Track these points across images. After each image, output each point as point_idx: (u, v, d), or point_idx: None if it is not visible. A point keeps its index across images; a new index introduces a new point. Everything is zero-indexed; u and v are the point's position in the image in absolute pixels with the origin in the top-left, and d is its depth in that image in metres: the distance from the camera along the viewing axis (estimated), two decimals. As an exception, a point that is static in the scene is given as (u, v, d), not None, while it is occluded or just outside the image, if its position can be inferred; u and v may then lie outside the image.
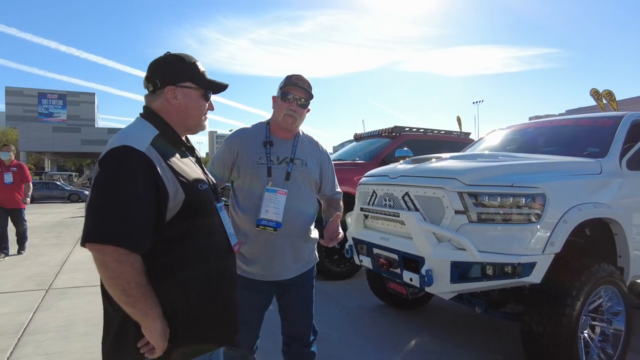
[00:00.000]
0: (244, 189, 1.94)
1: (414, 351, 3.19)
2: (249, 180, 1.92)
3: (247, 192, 1.93)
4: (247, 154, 1.95)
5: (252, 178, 1.92)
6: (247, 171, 1.92)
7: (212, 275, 1.32)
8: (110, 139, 1.25)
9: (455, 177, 2.60)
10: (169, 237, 1.23)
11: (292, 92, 1.95)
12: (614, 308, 2.76)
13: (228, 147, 2.00)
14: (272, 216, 1.87)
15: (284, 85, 1.98)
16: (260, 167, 1.92)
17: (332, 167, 2.23)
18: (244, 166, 1.94)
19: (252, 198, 1.91)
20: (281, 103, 1.96)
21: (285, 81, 1.98)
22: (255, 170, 1.92)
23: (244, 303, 1.90)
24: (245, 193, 1.93)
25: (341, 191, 2.28)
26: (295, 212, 1.94)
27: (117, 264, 1.09)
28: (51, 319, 3.83)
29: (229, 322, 1.39)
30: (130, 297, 1.11)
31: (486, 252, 2.44)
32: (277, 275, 1.95)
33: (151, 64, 1.37)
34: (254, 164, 1.92)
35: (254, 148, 1.96)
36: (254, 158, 1.94)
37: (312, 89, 1.99)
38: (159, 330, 1.17)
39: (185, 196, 1.24)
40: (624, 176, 2.96)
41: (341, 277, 5.22)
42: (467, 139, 6.73)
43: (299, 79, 1.97)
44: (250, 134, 2.01)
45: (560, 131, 3.97)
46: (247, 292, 1.89)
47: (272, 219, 1.87)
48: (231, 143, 2.00)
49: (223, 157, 1.99)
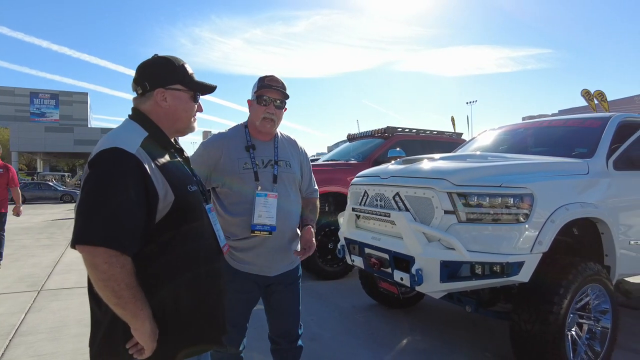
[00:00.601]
0: (231, 194, 1.92)
1: (406, 350, 3.22)
2: (237, 186, 1.90)
3: (235, 197, 1.91)
4: (231, 159, 1.92)
5: (240, 183, 1.90)
6: (233, 177, 1.90)
7: (201, 277, 1.34)
8: (100, 141, 1.25)
9: (445, 177, 2.63)
10: (158, 239, 1.24)
11: (267, 94, 1.94)
12: (601, 306, 2.80)
13: (206, 152, 1.95)
14: (266, 220, 1.88)
15: (257, 88, 1.96)
16: (246, 172, 1.91)
17: (310, 165, 2.24)
18: (228, 172, 1.91)
19: (241, 203, 1.90)
20: (257, 107, 1.95)
21: (258, 84, 1.96)
22: (242, 176, 1.90)
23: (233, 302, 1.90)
24: (233, 198, 1.92)
25: (317, 189, 2.29)
26: (285, 213, 1.95)
27: (108, 265, 1.10)
28: (43, 320, 3.81)
29: (217, 323, 1.40)
30: (121, 299, 1.12)
31: (475, 252, 2.47)
32: (267, 271, 1.97)
33: (140, 67, 1.38)
34: (239, 169, 1.91)
35: (237, 153, 1.94)
36: (239, 163, 1.92)
37: (286, 89, 1.99)
38: (149, 331, 1.18)
39: (175, 198, 1.25)
40: (610, 176, 3.00)
41: (334, 277, 5.24)
42: (459, 139, 6.78)
43: (272, 80, 1.95)
44: (229, 138, 1.98)
45: (549, 132, 4.02)
46: (237, 289, 1.91)
47: (265, 223, 1.88)
48: (210, 148, 1.96)
49: (200, 161, 1.91)
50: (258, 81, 1.98)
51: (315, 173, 5.85)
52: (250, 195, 1.89)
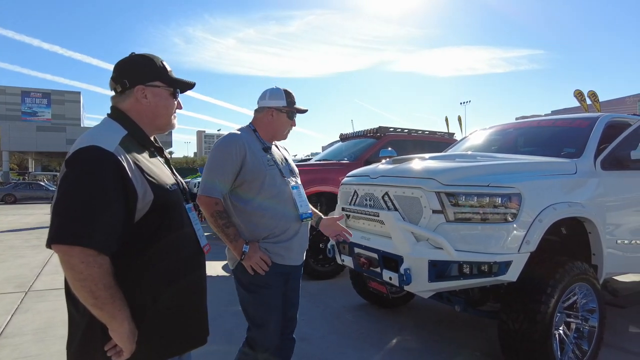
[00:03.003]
0: (263, 191, 1.96)
1: (395, 350, 3.21)
2: (268, 182, 1.97)
3: (268, 192, 1.97)
4: (255, 158, 1.98)
5: (270, 179, 1.98)
6: (263, 173, 1.96)
7: (182, 277, 1.32)
8: (78, 139, 1.24)
9: (433, 177, 2.63)
10: (137, 239, 1.22)
11: (296, 112, 2.14)
12: (588, 305, 2.82)
13: (232, 153, 1.94)
14: (305, 209, 2.08)
15: (289, 104, 2.10)
16: (272, 169, 2.01)
17: None
18: (256, 169, 1.95)
19: (275, 197, 1.98)
20: (287, 120, 2.12)
21: (288, 99, 2.10)
22: (270, 172, 2.00)
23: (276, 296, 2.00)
24: (266, 194, 1.97)
25: None
26: None
27: (85, 265, 1.08)
28: (29, 321, 3.77)
29: (199, 323, 1.39)
30: (98, 299, 1.10)
31: (463, 251, 2.47)
32: (297, 260, 2.12)
33: (118, 65, 1.36)
34: (265, 166, 1.99)
35: (258, 152, 2.01)
36: (264, 161, 2.00)
37: None
38: (127, 332, 1.16)
39: (154, 197, 1.24)
40: (598, 176, 3.02)
41: (325, 277, 5.23)
42: (451, 139, 6.80)
43: (294, 97, 2.14)
44: (247, 139, 2.02)
45: (539, 132, 4.04)
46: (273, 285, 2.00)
47: (306, 211, 2.08)
48: (234, 149, 1.94)
49: (230, 164, 1.92)
50: (286, 95, 2.10)
51: (308, 173, 5.84)
52: (284, 188, 2.02)
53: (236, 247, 1.91)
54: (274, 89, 2.12)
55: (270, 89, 2.12)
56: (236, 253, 1.92)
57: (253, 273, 1.95)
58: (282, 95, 2.09)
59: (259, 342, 2.00)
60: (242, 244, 1.91)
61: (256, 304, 2.00)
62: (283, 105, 2.08)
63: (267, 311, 1.99)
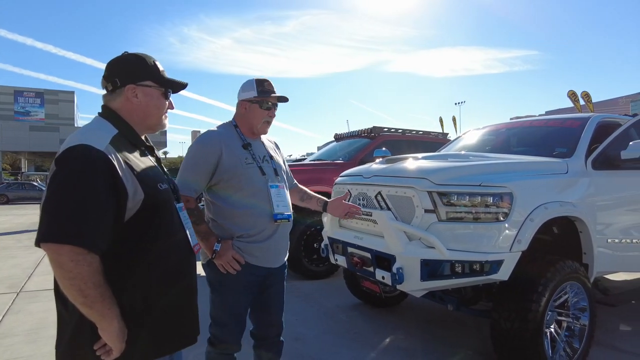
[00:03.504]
0: (238, 190, 1.93)
1: (389, 349, 3.22)
2: (244, 180, 1.93)
3: (245, 191, 1.93)
4: (233, 156, 1.93)
5: (247, 178, 1.93)
6: (238, 172, 1.92)
7: (172, 276, 1.32)
8: (68, 138, 1.23)
9: (425, 176, 2.64)
10: (128, 237, 1.22)
11: (270, 100, 2.01)
12: (579, 303, 2.84)
13: (207, 151, 1.91)
14: (283, 209, 1.99)
15: (259, 93, 1.98)
16: (250, 167, 1.95)
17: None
18: (232, 168, 1.91)
19: (253, 196, 1.93)
20: (260, 111, 2.00)
21: (259, 88, 1.99)
22: (247, 170, 1.94)
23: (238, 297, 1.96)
24: (243, 192, 1.93)
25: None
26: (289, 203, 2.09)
27: (74, 264, 1.08)
28: (21, 322, 3.74)
29: (189, 323, 1.39)
30: (87, 298, 1.10)
31: (455, 250, 2.49)
32: (274, 262, 2.04)
33: (110, 63, 1.36)
34: (242, 164, 1.94)
35: (237, 150, 1.96)
36: (241, 159, 1.95)
37: None
38: (117, 331, 1.16)
39: (145, 195, 1.24)
40: (589, 176, 3.05)
41: (319, 277, 5.24)
42: (444, 140, 6.83)
43: (271, 86, 2.01)
44: (225, 136, 1.98)
45: (531, 132, 4.07)
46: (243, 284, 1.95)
47: (284, 212, 1.99)
48: (210, 147, 1.92)
49: (204, 163, 1.90)
50: (257, 85, 1.99)
51: (302, 173, 5.85)
52: (261, 187, 1.95)
53: (207, 245, 1.88)
54: (248, 80, 2.02)
55: (245, 81, 2.03)
56: (207, 251, 1.89)
57: (225, 272, 1.90)
58: (253, 86, 1.98)
59: (220, 340, 1.98)
60: (213, 241, 1.88)
61: (220, 304, 1.96)
62: (254, 96, 1.98)
63: (230, 313, 1.95)
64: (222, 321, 1.97)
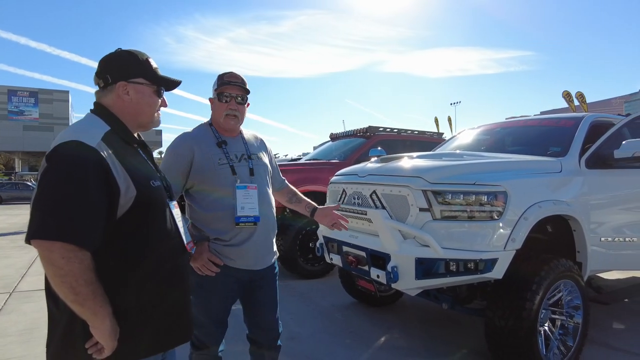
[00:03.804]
0: (210, 192, 1.90)
1: (383, 348, 3.23)
2: (216, 182, 1.89)
3: (215, 193, 1.90)
4: (204, 157, 1.90)
5: (218, 179, 1.89)
6: (209, 173, 1.89)
7: (165, 274, 1.31)
8: (59, 134, 1.22)
9: (420, 175, 2.65)
10: (120, 235, 1.21)
11: (228, 91, 1.94)
12: (573, 302, 2.85)
13: (178, 155, 1.91)
14: (249, 212, 1.90)
15: (218, 86, 1.95)
16: (222, 167, 1.90)
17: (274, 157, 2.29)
18: (204, 170, 1.89)
19: (222, 198, 1.89)
20: (219, 104, 1.95)
21: (218, 81, 1.96)
22: (219, 171, 1.89)
23: (215, 299, 1.92)
24: (213, 195, 1.90)
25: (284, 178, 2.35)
26: (265, 204, 1.98)
27: (65, 261, 1.07)
28: (13, 322, 3.71)
29: (183, 321, 1.38)
30: (79, 295, 1.09)
31: (449, 249, 2.49)
32: (254, 265, 1.97)
33: (102, 60, 1.35)
34: (215, 165, 1.90)
35: (209, 150, 1.92)
36: (214, 160, 1.90)
37: (246, 85, 1.98)
38: (109, 329, 1.15)
39: (137, 193, 1.23)
40: (582, 175, 3.06)
41: (315, 276, 5.23)
42: (440, 139, 6.84)
43: (232, 77, 1.95)
44: (198, 137, 1.95)
45: (526, 131, 4.09)
46: (219, 286, 1.92)
47: (249, 214, 1.89)
48: (181, 150, 1.91)
49: (176, 166, 1.89)
50: (217, 79, 1.96)
51: (298, 172, 5.84)
52: (230, 189, 1.89)
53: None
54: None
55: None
56: None
57: (202, 274, 1.87)
58: (216, 81, 1.97)
59: (201, 341, 1.96)
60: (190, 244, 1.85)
61: (199, 306, 1.90)
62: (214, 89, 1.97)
63: (209, 316, 1.92)
64: (202, 323, 1.94)
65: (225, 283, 1.93)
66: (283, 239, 4.99)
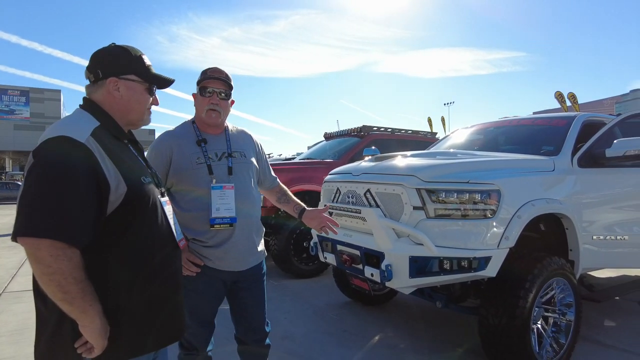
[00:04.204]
0: (188, 192, 1.87)
1: (377, 346, 3.23)
2: (193, 181, 1.86)
3: (192, 193, 1.87)
4: (183, 156, 1.87)
5: (194, 179, 1.85)
6: (187, 173, 1.86)
7: (156, 272, 1.29)
8: (47, 129, 1.20)
9: (414, 174, 2.65)
10: (110, 232, 1.19)
11: (210, 86, 1.90)
12: (565, 299, 2.87)
13: (158, 153, 1.88)
14: (225, 213, 1.85)
15: (200, 80, 1.92)
16: (200, 167, 1.87)
17: (266, 155, 2.24)
18: (181, 169, 1.86)
19: (198, 199, 1.85)
20: (202, 99, 1.91)
21: (201, 76, 1.92)
22: (196, 171, 1.86)
23: (200, 300, 1.90)
24: (190, 195, 1.87)
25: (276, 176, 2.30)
26: (246, 204, 1.93)
27: (53, 258, 1.05)
28: (3, 323, 3.66)
29: (175, 319, 1.37)
30: (67, 294, 1.07)
31: (443, 247, 2.50)
32: (237, 266, 1.93)
33: (94, 54, 1.33)
34: (192, 164, 1.86)
35: (188, 148, 1.89)
36: (192, 159, 1.87)
37: (231, 80, 1.95)
38: (98, 328, 1.13)
39: (128, 189, 1.21)
40: (575, 173, 3.08)
41: (309, 276, 5.22)
42: (433, 139, 6.86)
43: (215, 71, 1.92)
44: (178, 135, 1.92)
45: (519, 130, 4.11)
46: (204, 287, 1.89)
47: (225, 215, 1.84)
48: (160, 148, 1.89)
49: (156, 165, 1.78)
50: (201, 73, 1.93)
51: (292, 171, 5.81)
52: (206, 189, 1.85)
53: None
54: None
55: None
56: None
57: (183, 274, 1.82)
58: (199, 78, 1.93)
59: (187, 342, 1.94)
60: None
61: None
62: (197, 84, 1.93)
63: (192, 316, 1.88)
64: (187, 324, 1.92)
65: (209, 284, 1.90)
66: (277, 238, 4.97)
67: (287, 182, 5.47)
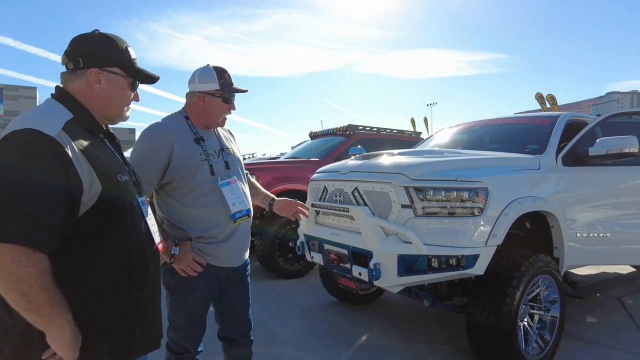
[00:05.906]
0: (195, 189, 1.81)
1: (364, 346, 3.20)
2: (198, 179, 1.80)
3: (197, 190, 1.81)
4: (185, 153, 1.79)
5: (201, 176, 1.81)
6: (191, 170, 1.79)
7: (132, 276, 1.21)
8: (12, 121, 1.10)
9: (402, 172, 2.63)
10: (83, 234, 1.11)
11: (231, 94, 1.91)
12: (550, 296, 2.90)
13: (156, 148, 1.77)
14: (240, 206, 1.88)
15: (222, 87, 1.84)
16: (203, 164, 1.83)
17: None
18: (184, 166, 1.78)
19: (205, 195, 1.82)
20: (222, 105, 1.88)
21: (220, 81, 1.84)
22: (200, 168, 1.82)
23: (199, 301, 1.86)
24: (196, 192, 1.81)
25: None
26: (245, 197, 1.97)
27: (16, 264, 0.96)
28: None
29: (152, 326, 1.29)
30: (32, 303, 0.98)
31: (431, 245, 2.48)
32: (234, 262, 1.94)
33: (75, 39, 1.23)
34: (196, 161, 1.81)
35: (189, 145, 1.82)
36: (195, 156, 1.81)
37: None
38: (68, 338, 1.05)
39: (102, 188, 1.12)
40: (559, 172, 3.12)
41: (295, 276, 5.16)
42: (418, 138, 6.90)
43: (230, 77, 1.89)
44: (174, 130, 1.83)
45: (504, 129, 4.15)
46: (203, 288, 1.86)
47: (242, 208, 1.88)
48: (158, 143, 1.77)
49: (152, 160, 1.75)
50: (218, 77, 1.84)
51: (277, 170, 5.74)
52: (212, 186, 1.83)
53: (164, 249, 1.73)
54: (205, 68, 1.86)
55: (201, 69, 1.86)
56: (165, 255, 1.70)
57: (185, 275, 1.79)
58: (214, 77, 1.82)
59: (179, 345, 1.89)
60: (171, 244, 1.73)
61: (179, 309, 1.85)
62: (216, 89, 1.83)
63: (189, 317, 1.86)
64: (182, 326, 1.87)
65: (207, 283, 1.87)
66: (262, 238, 4.90)
67: (272, 181, 5.44)
